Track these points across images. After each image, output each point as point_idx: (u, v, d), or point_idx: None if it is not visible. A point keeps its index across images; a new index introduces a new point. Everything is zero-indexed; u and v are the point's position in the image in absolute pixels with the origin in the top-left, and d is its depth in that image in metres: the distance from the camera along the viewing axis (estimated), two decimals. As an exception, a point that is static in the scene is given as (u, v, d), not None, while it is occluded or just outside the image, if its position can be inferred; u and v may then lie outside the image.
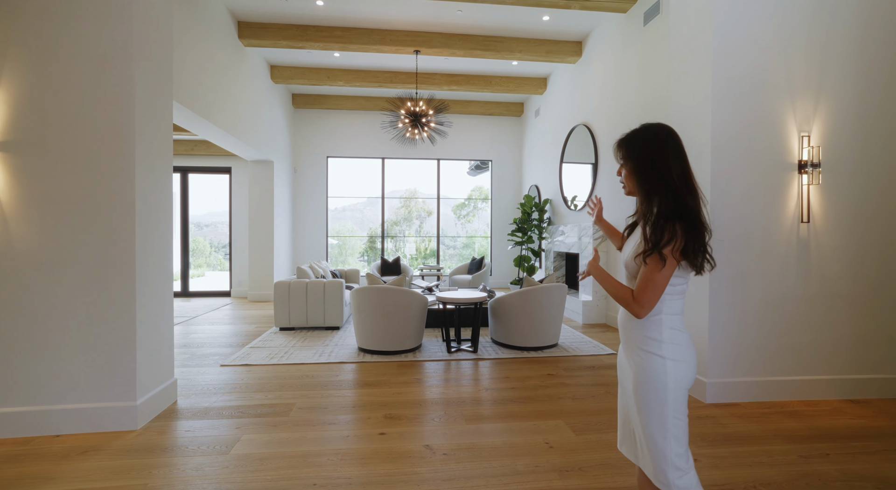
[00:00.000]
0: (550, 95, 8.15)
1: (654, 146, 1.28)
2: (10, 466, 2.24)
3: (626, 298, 1.29)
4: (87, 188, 2.60)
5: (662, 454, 1.27)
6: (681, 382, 1.28)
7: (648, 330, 1.32)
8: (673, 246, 1.23)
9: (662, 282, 1.25)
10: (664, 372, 1.27)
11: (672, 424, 1.27)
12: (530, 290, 4.40)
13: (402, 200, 10.57)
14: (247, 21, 6.18)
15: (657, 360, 1.29)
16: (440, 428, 2.70)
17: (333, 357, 4.17)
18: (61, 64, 2.57)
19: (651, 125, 1.32)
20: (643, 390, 1.29)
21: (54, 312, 2.57)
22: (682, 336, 1.32)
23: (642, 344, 1.32)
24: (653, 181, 1.28)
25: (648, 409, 1.28)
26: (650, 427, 1.28)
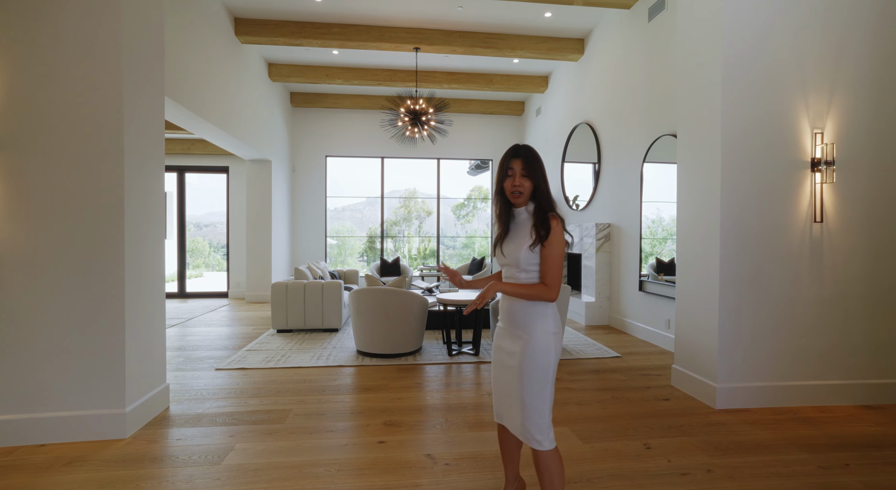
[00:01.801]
0: (552, 94, 8.05)
1: (542, 163, 1.65)
2: (-10, 478, 2.14)
3: (541, 291, 1.54)
4: (72, 186, 2.49)
5: (541, 417, 1.55)
6: (559, 352, 1.60)
7: (537, 309, 1.58)
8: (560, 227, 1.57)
9: (561, 261, 1.56)
10: (550, 344, 1.56)
11: (550, 391, 1.57)
12: (533, 292, 4.29)
13: (402, 200, 10.47)
14: (244, 18, 6.07)
15: (546, 335, 1.56)
16: (442, 435, 2.60)
17: (332, 360, 4.07)
18: (46, 57, 2.47)
19: (529, 146, 1.66)
20: (534, 363, 1.55)
21: (38, 315, 2.46)
22: (556, 312, 1.63)
23: (532, 322, 1.58)
24: (545, 186, 1.62)
25: (536, 379, 1.54)
26: (536, 395, 1.55)
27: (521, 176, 1.60)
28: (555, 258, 1.54)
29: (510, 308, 1.63)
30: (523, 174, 1.59)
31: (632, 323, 5.20)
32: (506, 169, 1.63)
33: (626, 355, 4.30)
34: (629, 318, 5.28)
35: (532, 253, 1.57)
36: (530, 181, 1.59)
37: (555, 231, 1.55)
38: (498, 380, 1.68)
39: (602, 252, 5.77)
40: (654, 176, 4.88)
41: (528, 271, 1.59)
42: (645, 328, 4.91)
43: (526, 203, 1.63)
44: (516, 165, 1.60)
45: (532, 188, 1.60)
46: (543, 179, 1.61)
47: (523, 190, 1.59)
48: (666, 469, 2.19)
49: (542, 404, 1.55)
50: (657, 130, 4.72)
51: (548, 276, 1.54)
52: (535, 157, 1.62)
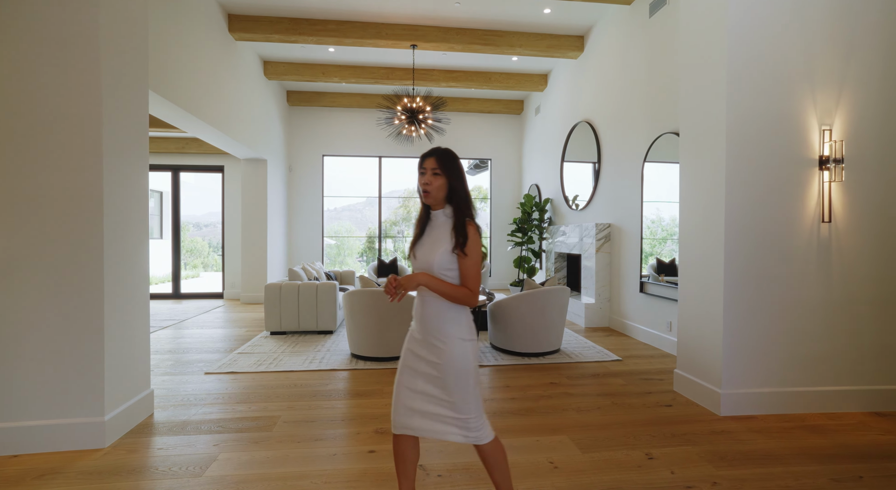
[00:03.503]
0: (551, 92, 7.94)
1: (459, 164, 1.64)
2: (-41, 491, 2.03)
3: (465, 294, 1.55)
4: (48, 184, 2.38)
5: (476, 415, 1.58)
6: (476, 357, 1.61)
7: (451, 315, 1.58)
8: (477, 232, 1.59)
9: (480, 268, 1.58)
10: (467, 350, 1.57)
11: (476, 391, 1.59)
12: (531, 293, 4.19)
13: (401, 200, 10.36)
14: (237, 14, 5.96)
15: (461, 342, 1.56)
16: (434, 445, 2.49)
17: (325, 364, 3.96)
18: (19, 49, 2.36)
19: (450, 149, 1.66)
20: (456, 369, 1.55)
21: (12, 319, 2.35)
22: (470, 320, 1.63)
23: (446, 329, 1.57)
24: (460, 190, 1.61)
25: (462, 384, 1.55)
26: (465, 398, 1.56)
27: (433, 173, 1.60)
28: (474, 265, 1.56)
29: (424, 314, 1.61)
30: (435, 172, 1.59)
31: (632, 325, 5.09)
32: (420, 167, 1.63)
33: (627, 358, 4.19)
34: (630, 320, 5.17)
35: (447, 257, 1.56)
36: (444, 179, 1.59)
37: (472, 238, 1.56)
38: (410, 386, 1.62)
39: (602, 253, 5.66)
40: (655, 175, 4.77)
41: (442, 276, 1.57)
42: (646, 330, 4.80)
43: (441, 205, 1.64)
44: (428, 164, 1.61)
45: (446, 188, 1.61)
46: (459, 180, 1.61)
47: (432, 189, 1.60)
48: (669, 482, 2.09)
49: (474, 404, 1.58)
50: (658, 129, 4.61)
51: (468, 281, 1.55)
52: (450, 157, 1.62)
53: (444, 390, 1.57)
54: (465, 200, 1.61)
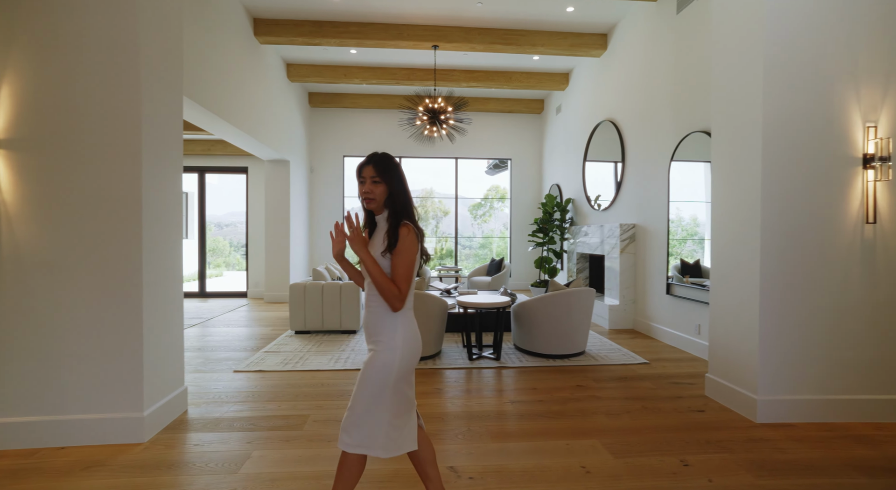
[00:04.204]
0: (573, 91, 7.85)
1: (397, 168, 1.64)
2: (10, 483, 2.11)
3: (392, 290, 1.52)
4: (91, 186, 2.46)
5: (360, 425, 1.54)
6: (405, 368, 1.58)
7: (388, 322, 1.58)
8: (411, 234, 1.56)
9: (410, 271, 1.55)
10: (393, 361, 1.54)
11: (382, 408, 1.55)
12: (556, 295, 4.15)
13: (419, 200, 10.40)
14: (262, 18, 6.06)
15: (390, 351, 1.55)
16: (464, 446, 2.49)
17: (350, 363, 3.99)
18: (65, 58, 2.44)
19: (387, 153, 1.66)
20: (371, 375, 1.54)
21: (58, 317, 2.44)
22: (409, 328, 1.61)
23: (381, 334, 1.58)
24: (399, 194, 1.61)
25: (368, 391, 1.54)
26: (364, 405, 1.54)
27: (372, 182, 1.60)
28: (401, 267, 1.54)
29: (367, 317, 1.64)
30: (374, 180, 1.60)
31: (659, 327, 4.99)
32: (359, 176, 1.64)
33: (655, 362, 4.12)
34: (656, 323, 5.08)
35: (384, 260, 1.57)
36: (383, 185, 1.60)
37: (403, 240, 1.55)
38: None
39: (626, 253, 5.57)
40: (678, 174, 4.67)
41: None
42: (673, 333, 4.71)
43: (383, 210, 1.64)
44: (367, 172, 1.61)
45: (386, 194, 1.61)
46: (400, 186, 1.62)
47: (374, 196, 1.61)
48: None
49: (368, 417, 1.55)
50: (687, 127, 4.51)
51: (396, 282, 1.54)
52: (388, 163, 1.62)
53: (356, 387, 1.57)
54: (401, 204, 1.61)
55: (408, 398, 1.62)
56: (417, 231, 1.60)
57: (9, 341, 2.42)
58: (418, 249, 1.60)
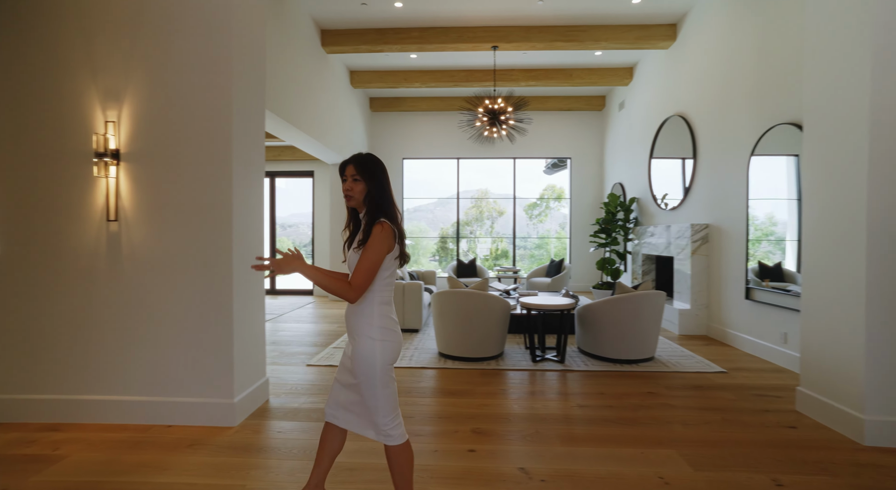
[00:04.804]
0: (637, 86, 7.53)
1: (378, 168, 1.69)
2: (132, 453, 2.40)
3: (341, 287, 1.55)
4: (191, 193, 2.73)
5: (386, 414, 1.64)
6: (388, 358, 1.64)
7: (363, 314, 1.65)
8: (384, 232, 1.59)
9: (373, 265, 1.58)
10: (374, 350, 1.62)
11: (385, 392, 1.64)
12: (624, 298, 4.01)
13: (474, 200, 10.44)
14: (329, 29, 6.37)
15: (369, 340, 1.63)
16: (533, 448, 2.48)
17: (415, 361, 4.10)
18: (171, 79, 2.72)
19: (372, 154, 1.72)
20: (360, 368, 1.63)
21: (167, 310, 2.73)
22: (387, 318, 1.67)
23: (357, 326, 1.66)
24: (377, 193, 1.66)
25: (367, 383, 1.62)
26: (372, 397, 1.63)
27: (353, 180, 1.67)
28: (365, 261, 1.57)
29: (347, 313, 1.72)
30: (354, 178, 1.67)
31: (736, 334, 4.67)
32: (342, 175, 1.70)
33: (733, 371, 3.86)
34: (732, 329, 4.75)
35: (356, 255, 1.64)
36: (362, 184, 1.67)
37: (374, 236, 1.59)
38: (340, 380, 1.76)
39: (699, 255, 5.26)
40: (760, 171, 4.33)
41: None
42: (753, 341, 4.38)
43: (362, 207, 1.70)
44: (349, 171, 1.68)
45: (365, 193, 1.67)
46: (378, 186, 1.67)
47: (354, 193, 1.67)
48: (805, 511, 1.89)
49: (384, 404, 1.64)
50: (770, 119, 4.18)
51: (353, 275, 1.57)
52: (368, 163, 1.69)
53: (359, 387, 1.66)
54: (378, 203, 1.66)
55: (392, 388, 1.68)
56: (396, 230, 1.64)
57: (129, 331, 2.75)
58: (392, 247, 1.62)
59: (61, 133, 2.78)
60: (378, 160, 1.72)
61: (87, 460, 2.33)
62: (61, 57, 2.77)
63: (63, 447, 2.46)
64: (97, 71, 2.75)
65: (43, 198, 2.79)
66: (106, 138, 2.75)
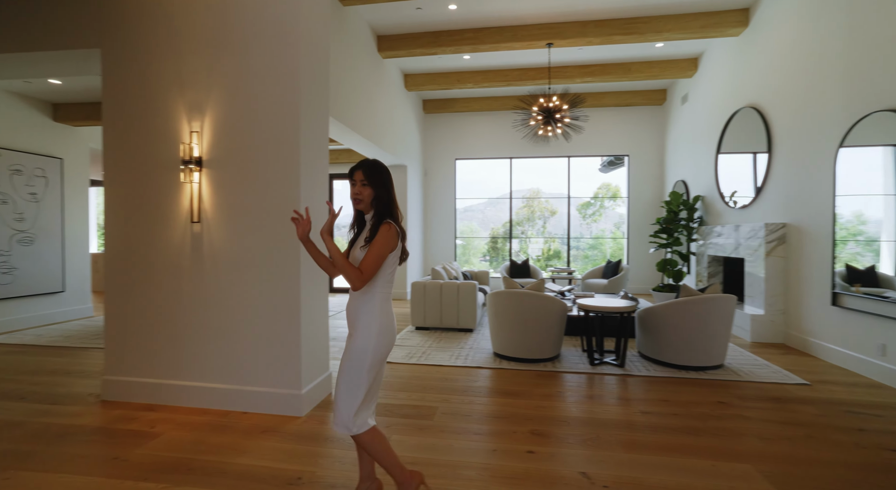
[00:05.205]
0: (703, 77, 7.10)
1: (384, 174, 1.82)
2: (214, 435, 2.61)
3: (350, 270, 1.71)
4: (262, 196, 2.92)
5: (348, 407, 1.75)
6: (380, 352, 1.78)
7: (366, 309, 1.78)
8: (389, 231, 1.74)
9: (378, 259, 1.72)
10: (368, 345, 1.75)
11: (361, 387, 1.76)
12: (690, 301, 3.81)
13: (525, 200, 10.31)
14: (385, 34, 6.55)
15: (367, 335, 1.76)
16: (594, 453, 2.42)
17: (470, 361, 4.13)
18: (245, 91, 2.93)
19: (378, 161, 1.84)
20: (350, 359, 1.77)
21: (242, 307, 2.94)
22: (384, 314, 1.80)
23: (359, 320, 1.78)
24: (384, 197, 1.79)
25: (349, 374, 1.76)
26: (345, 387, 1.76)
27: (361, 185, 1.79)
28: (370, 255, 1.72)
29: (349, 304, 1.84)
30: (363, 183, 1.79)
31: (820, 343, 4.28)
32: (350, 179, 1.82)
33: (818, 384, 3.54)
34: (815, 338, 4.36)
35: (363, 252, 1.76)
36: (370, 188, 1.79)
37: (381, 235, 1.73)
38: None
39: (774, 257, 4.87)
40: (850, 164, 3.93)
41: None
42: (842, 352, 4.00)
43: (370, 210, 1.83)
44: (357, 176, 1.80)
45: (373, 196, 1.79)
46: (384, 189, 1.80)
47: (363, 197, 1.79)
48: (909, 541, 1.71)
49: (350, 397, 1.75)
50: (865, 106, 3.79)
51: (362, 264, 1.72)
52: (376, 169, 1.81)
53: (339, 373, 1.80)
54: (385, 206, 1.79)
55: (378, 383, 1.83)
56: (399, 230, 1.79)
57: (210, 324, 2.99)
58: (396, 246, 1.77)
59: (155, 144, 3.08)
60: (384, 167, 1.84)
61: (178, 439, 2.56)
62: (156, 75, 3.06)
63: (158, 426, 2.72)
64: (185, 86, 3.02)
65: (140, 202, 3.10)
66: (190, 147, 3.01)
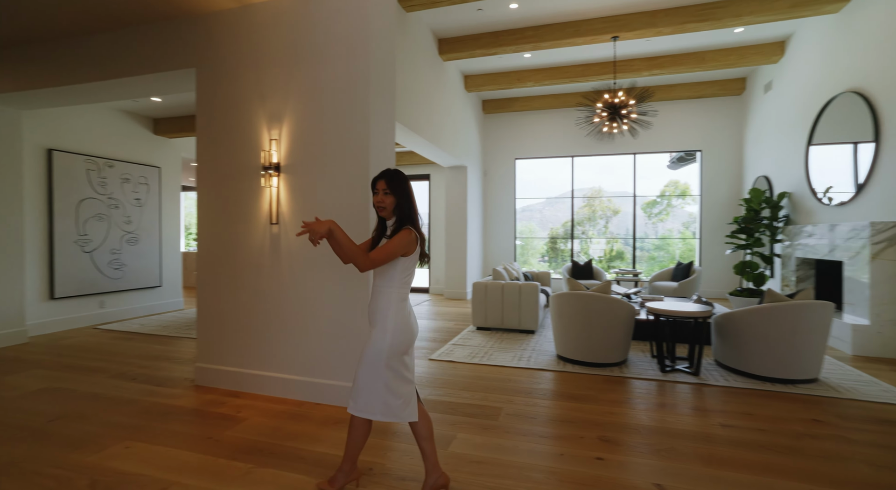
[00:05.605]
0: (791, 62, 6.48)
1: (406, 182, 1.94)
2: (292, 423, 2.80)
3: (358, 255, 1.79)
4: (334, 199, 3.08)
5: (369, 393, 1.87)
6: (396, 347, 1.87)
7: (382, 306, 1.90)
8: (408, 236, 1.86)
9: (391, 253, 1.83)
10: (384, 341, 1.86)
11: (380, 376, 1.86)
12: (777, 307, 3.50)
13: (586, 199, 9.99)
14: (445, 37, 6.63)
15: (382, 332, 1.87)
16: (668, 465, 2.30)
17: (532, 363, 4.08)
18: (319, 101, 3.11)
19: (399, 170, 1.96)
20: (367, 353, 1.88)
21: (317, 303, 3.12)
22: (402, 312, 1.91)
23: (375, 316, 1.91)
24: (405, 204, 1.92)
25: (367, 366, 1.88)
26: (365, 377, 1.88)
27: (384, 193, 1.91)
28: (385, 248, 1.83)
29: (370, 302, 1.96)
30: (385, 192, 1.91)
31: (938, 359, 3.75)
32: (373, 188, 1.94)
33: (936, 404, 3.11)
34: (932, 352, 3.83)
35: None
36: (393, 197, 1.91)
37: (399, 237, 1.85)
38: None
39: (882, 260, 4.34)
40: None
41: (382, 274, 1.92)
42: (966, 369, 3.48)
43: (392, 217, 1.94)
44: (380, 185, 1.92)
45: (395, 204, 1.92)
46: (406, 198, 1.93)
47: (385, 205, 1.92)
48: None
49: (366, 384, 1.88)
50: None
51: (374, 252, 1.83)
52: (399, 179, 1.94)
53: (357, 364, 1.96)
54: (407, 213, 1.92)
55: (402, 374, 1.91)
56: (419, 235, 1.91)
57: (288, 319, 3.21)
58: (412, 251, 1.90)
59: (239, 151, 3.35)
60: (405, 175, 1.97)
61: (261, 424, 2.77)
62: (240, 88, 3.34)
63: (243, 411, 2.96)
64: (265, 98, 3.26)
65: (227, 205, 3.39)
66: (270, 154, 3.24)
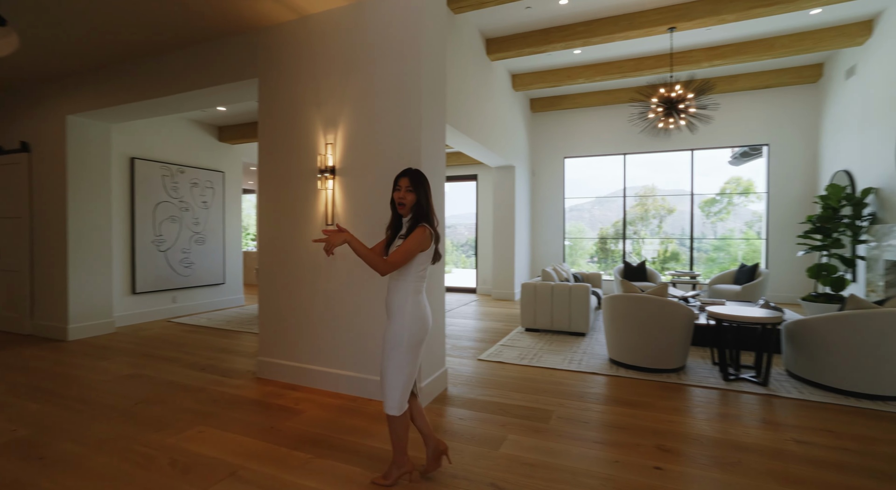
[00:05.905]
0: (879, 43, 5.89)
1: (426, 182, 2.08)
2: (347, 417, 2.91)
3: (376, 260, 1.91)
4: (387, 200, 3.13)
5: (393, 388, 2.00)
6: (414, 339, 2.01)
7: (398, 299, 2.02)
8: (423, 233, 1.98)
9: (408, 254, 1.95)
10: (402, 334, 1.99)
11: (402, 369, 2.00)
12: (862, 315, 3.20)
13: (638, 198, 9.59)
14: (493, 37, 6.61)
15: (399, 325, 2.00)
16: (736, 480, 2.18)
17: (584, 366, 3.98)
18: (372, 104, 3.20)
19: (420, 170, 2.15)
20: (387, 345, 2.02)
21: (368, 303, 3.22)
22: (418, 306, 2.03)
23: (393, 310, 2.02)
24: (423, 203, 2.04)
25: (388, 358, 2.01)
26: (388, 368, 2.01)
27: (407, 190, 2.02)
28: (401, 249, 1.93)
29: (386, 298, 2.07)
30: (408, 189, 2.02)
31: None
32: (395, 185, 2.04)
33: None
34: None
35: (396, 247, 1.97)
36: (414, 195, 2.01)
37: (415, 235, 1.95)
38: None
39: None
40: None
41: (399, 269, 1.99)
42: None
43: (409, 213, 2.03)
44: (403, 182, 2.03)
45: (415, 202, 2.01)
46: (425, 197, 2.04)
47: (406, 202, 2.01)
48: None
49: (395, 377, 1.99)
50: None
51: (392, 255, 1.93)
52: (420, 178, 2.04)
53: (381, 357, 2.06)
54: (424, 211, 2.02)
55: (415, 364, 2.03)
56: (433, 233, 2.01)
57: (342, 317, 3.33)
58: (428, 247, 1.99)
59: (297, 156, 3.52)
60: (425, 176, 2.07)
61: (318, 417, 2.90)
62: (299, 95, 3.51)
63: (301, 404, 3.12)
64: (321, 104, 3.41)
65: (286, 207, 3.57)
66: (325, 157, 3.38)
